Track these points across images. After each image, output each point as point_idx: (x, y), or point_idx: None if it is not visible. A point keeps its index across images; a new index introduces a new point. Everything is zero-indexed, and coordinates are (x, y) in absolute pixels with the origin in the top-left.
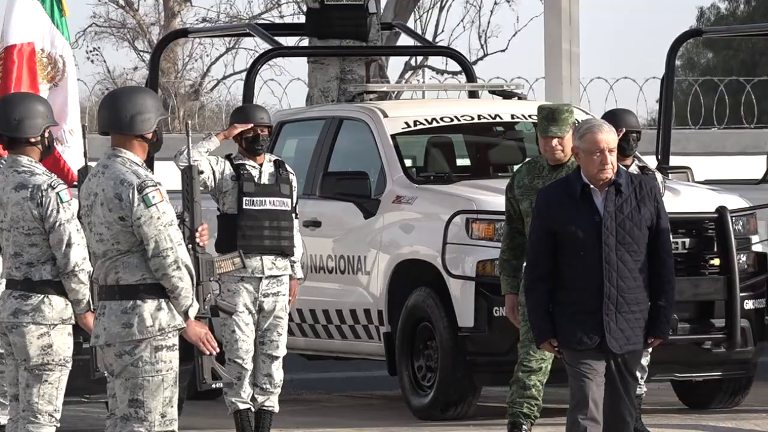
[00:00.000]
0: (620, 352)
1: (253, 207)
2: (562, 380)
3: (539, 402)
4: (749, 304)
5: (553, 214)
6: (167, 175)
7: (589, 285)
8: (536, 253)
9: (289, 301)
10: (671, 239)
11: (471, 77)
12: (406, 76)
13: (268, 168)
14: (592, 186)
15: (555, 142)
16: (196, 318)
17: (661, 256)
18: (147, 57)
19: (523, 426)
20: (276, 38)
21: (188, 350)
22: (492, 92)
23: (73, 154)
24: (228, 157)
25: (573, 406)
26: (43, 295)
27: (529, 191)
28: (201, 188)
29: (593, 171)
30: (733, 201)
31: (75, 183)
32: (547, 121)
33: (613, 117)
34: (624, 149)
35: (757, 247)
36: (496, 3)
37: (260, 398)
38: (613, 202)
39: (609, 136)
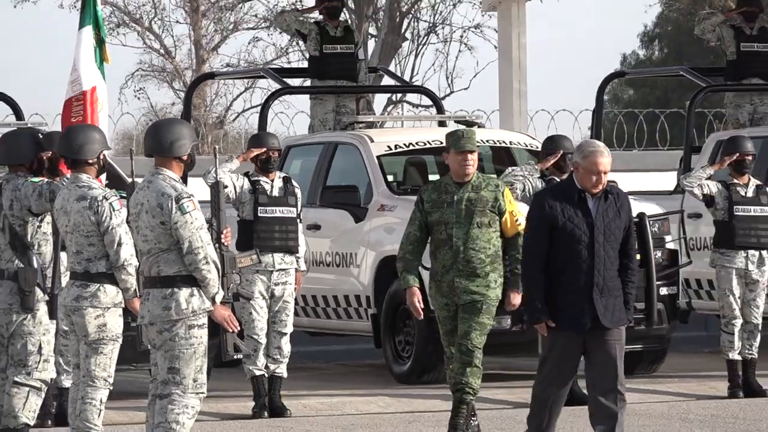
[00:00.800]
0: (611, 327)
1: (266, 215)
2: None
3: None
4: (664, 291)
5: (554, 214)
6: (198, 189)
7: (582, 274)
8: (537, 248)
9: (295, 288)
10: None
11: (440, 110)
12: (389, 109)
13: (278, 183)
14: (585, 194)
15: (470, 156)
16: (222, 302)
17: (629, 253)
18: (182, 95)
19: (468, 401)
20: (285, 80)
21: (215, 328)
22: (457, 122)
23: None
24: (246, 175)
25: (544, 379)
26: (99, 284)
27: (438, 205)
28: (225, 200)
29: (588, 186)
30: (651, 208)
31: (123, 194)
32: (462, 140)
33: (554, 141)
34: (561, 167)
35: (670, 245)
36: (460, 51)
37: (272, 366)
38: (602, 207)
39: (607, 160)
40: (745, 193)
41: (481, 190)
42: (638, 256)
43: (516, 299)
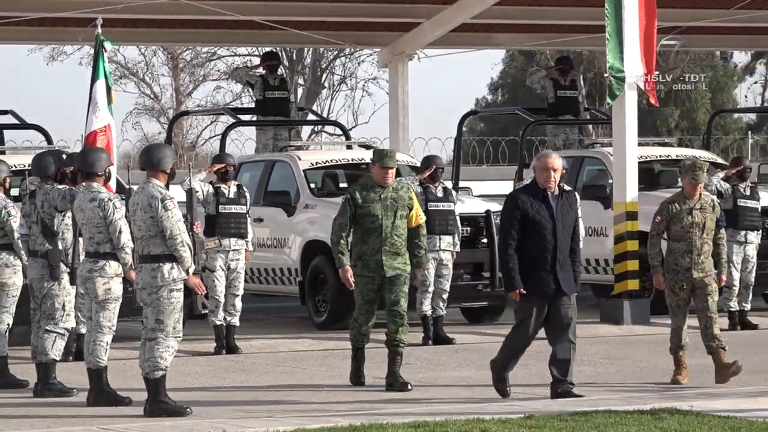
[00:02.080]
0: (569, 293)
1: (225, 211)
2: None
3: (368, 336)
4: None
5: (525, 208)
6: (177, 193)
7: (548, 254)
8: (512, 235)
9: (245, 263)
10: (461, 228)
11: (348, 137)
12: (312, 137)
13: (234, 189)
14: (546, 192)
15: (390, 171)
16: (194, 273)
17: (576, 238)
18: (166, 126)
19: (361, 350)
20: (238, 116)
21: (188, 291)
22: (360, 146)
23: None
24: (211, 183)
25: (516, 335)
26: (105, 261)
27: (369, 201)
28: (196, 201)
29: (543, 181)
30: (495, 206)
31: (123, 197)
32: (385, 158)
33: (428, 159)
34: (434, 177)
35: None
36: (362, 96)
37: (228, 318)
38: (560, 202)
39: (555, 162)
40: None
41: (399, 191)
42: (485, 240)
43: (420, 275)
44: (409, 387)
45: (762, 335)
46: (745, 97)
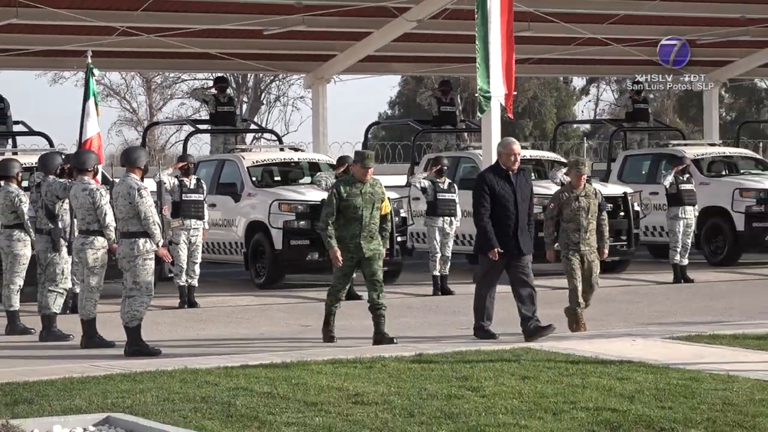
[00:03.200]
0: (527, 253)
1: (187, 198)
2: None
3: (341, 300)
4: (399, 238)
5: (493, 185)
6: (150, 184)
7: (511, 222)
8: (485, 205)
9: (203, 238)
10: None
11: (281, 142)
12: (253, 141)
13: (194, 181)
14: (509, 171)
15: (370, 170)
16: (162, 246)
17: (532, 206)
18: (141, 133)
19: (333, 314)
20: (198, 126)
21: (158, 259)
22: (290, 149)
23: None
24: (176, 177)
25: (484, 284)
26: (94, 237)
27: (352, 195)
28: (164, 190)
29: (509, 164)
30: (393, 195)
31: (108, 187)
32: (366, 159)
33: (343, 159)
34: (347, 173)
35: (403, 214)
36: (292, 111)
37: (190, 281)
38: (519, 180)
39: (519, 147)
40: (443, 186)
41: (374, 187)
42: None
43: (384, 251)
44: (395, 341)
45: (598, 293)
46: (582, 111)
